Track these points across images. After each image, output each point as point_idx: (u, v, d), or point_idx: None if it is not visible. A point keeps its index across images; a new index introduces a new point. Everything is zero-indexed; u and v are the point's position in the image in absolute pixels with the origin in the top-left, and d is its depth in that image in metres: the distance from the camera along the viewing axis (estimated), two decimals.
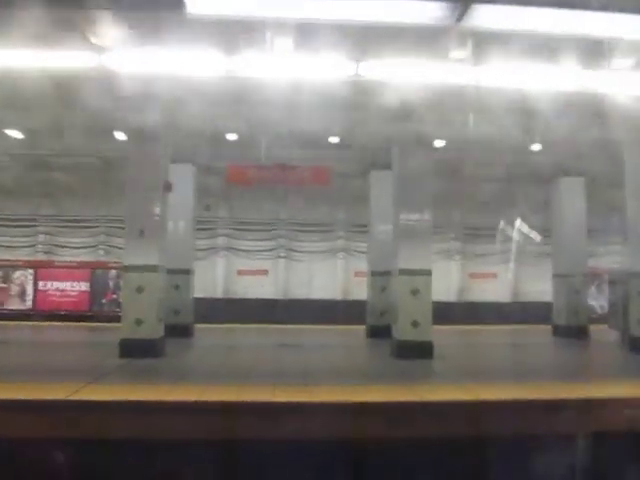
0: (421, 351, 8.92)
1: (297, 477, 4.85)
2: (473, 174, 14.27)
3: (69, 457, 5.37)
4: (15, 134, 12.30)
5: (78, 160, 14.78)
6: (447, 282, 19.18)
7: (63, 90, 8.78)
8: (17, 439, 5.43)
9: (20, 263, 17.24)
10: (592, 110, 9.04)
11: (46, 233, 19.29)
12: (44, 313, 16.03)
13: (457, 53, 8.19)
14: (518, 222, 16.31)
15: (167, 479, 5.30)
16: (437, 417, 5.92)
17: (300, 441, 5.42)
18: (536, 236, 12.62)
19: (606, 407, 6.05)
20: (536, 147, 12.04)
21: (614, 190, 11.42)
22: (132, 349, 8.64)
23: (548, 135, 10.90)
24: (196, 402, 6.00)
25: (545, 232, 14.26)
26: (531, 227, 15.14)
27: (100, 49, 7.68)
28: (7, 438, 5.41)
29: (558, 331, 12.47)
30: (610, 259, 16.91)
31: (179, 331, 10.94)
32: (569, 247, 12.58)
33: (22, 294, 16.74)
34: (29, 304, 16.67)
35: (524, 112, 9.10)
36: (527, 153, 12.14)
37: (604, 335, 11.92)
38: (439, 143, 11.28)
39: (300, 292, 19.52)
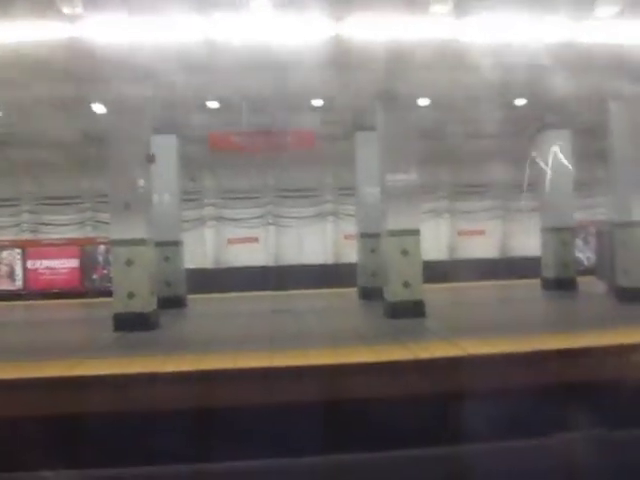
0: (413, 310, 9.03)
1: (294, 440, 4.94)
2: (458, 131, 14.17)
3: (69, 432, 5.41)
4: None
5: (57, 135, 14.49)
6: (437, 241, 19.26)
7: (38, 63, 8.53)
8: (17, 417, 5.47)
9: (6, 243, 17.06)
10: (576, 61, 8.95)
11: (30, 212, 19.04)
12: (36, 292, 15.95)
13: (438, 7, 8.03)
14: (505, 177, 16.35)
15: (167, 448, 5.37)
16: (429, 373, 6.03)
17: (295, 404, 5.50)
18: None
19: (598, 355, 6.20)
20: (520, 102, 11.95)
21: (599, 142, 11.42)
22: (126, 323, 8.67)
23: (532, 88, 10.81)
24: (192, 371, 6.07)
25: (532, 186, 14.27)
26: (518, 181, 15.12)
27: (73, 18, 7.46)
28: (8, 417, 5.44)
29: (547, 284, 12.63)
30: (596, 211, 17.06)
31: (172, 302, 10.98)
32: (556, 200, 12.63)
33: (11, 274, 16.62)
34: (19, 284, 16.55)
35: (508, 66, 8.99)
36: (512, 108, 12.05)
37: (592, 286, 12.09)
38: (423, 101, 11.16)
39: (291, 258, 19.53)
